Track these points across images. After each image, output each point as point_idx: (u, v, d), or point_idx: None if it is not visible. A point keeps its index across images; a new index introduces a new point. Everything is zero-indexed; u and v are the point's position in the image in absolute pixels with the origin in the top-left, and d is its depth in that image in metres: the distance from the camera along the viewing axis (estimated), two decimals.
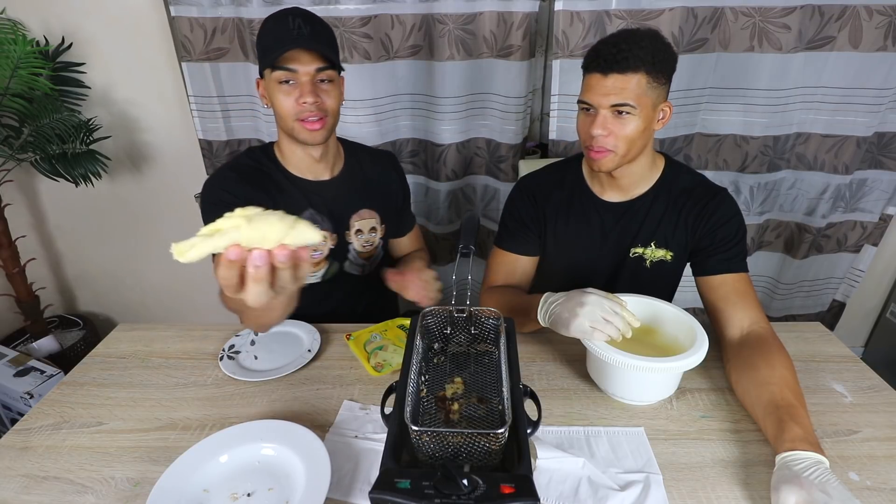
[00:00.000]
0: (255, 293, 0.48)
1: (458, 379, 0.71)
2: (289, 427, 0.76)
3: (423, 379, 0.71)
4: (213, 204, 0.99)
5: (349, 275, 1.17)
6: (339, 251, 1.13)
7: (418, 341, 0.71)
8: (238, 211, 0.47)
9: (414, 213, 1.31)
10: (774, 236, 1.79)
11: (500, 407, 0.63)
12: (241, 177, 1.02)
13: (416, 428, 0.55)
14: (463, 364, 0.75)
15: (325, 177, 1.09)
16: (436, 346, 0.78)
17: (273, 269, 0.47)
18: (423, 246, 1.34)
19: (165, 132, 1.75)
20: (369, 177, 1.15)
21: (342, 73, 1.01)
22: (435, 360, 0.76)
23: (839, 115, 1.53)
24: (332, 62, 0.94)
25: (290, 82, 0.93)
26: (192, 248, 0.45)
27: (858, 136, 1.54)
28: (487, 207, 1.77)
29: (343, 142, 1.15)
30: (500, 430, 0.54)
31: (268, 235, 0.45)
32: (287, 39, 0.91)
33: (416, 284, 1.02)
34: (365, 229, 1.14)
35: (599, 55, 0.87)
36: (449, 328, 0.78)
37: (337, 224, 1.10)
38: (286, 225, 0.46)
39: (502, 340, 0.70)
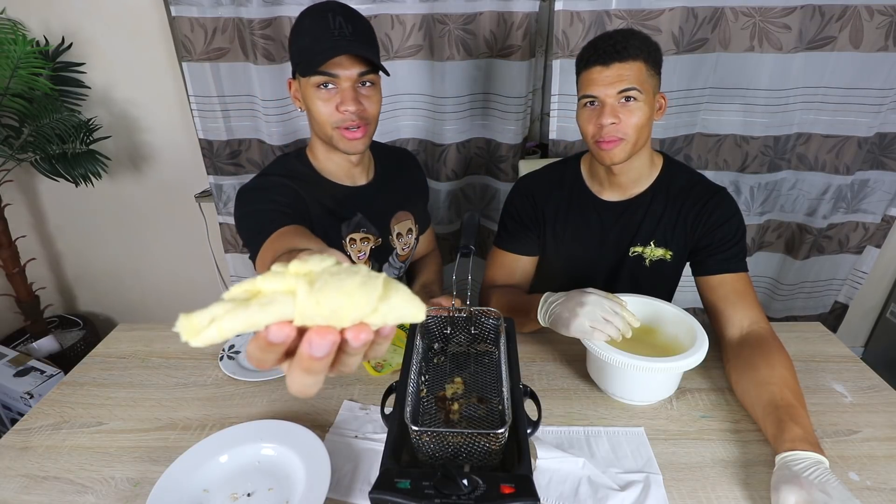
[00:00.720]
0: (302, 385, 0.30)
1: (458, 379, 0.71)
2: (289, 427, 0.76)
3: (423, 379, 0.71)
4: (268, 208, 0.85)
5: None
6: (381, 254, 1.10)
7: (418, 341, 0.71)
8: (293, 266, 0.29)
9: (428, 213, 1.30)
10: (775, 237, 1.78)
11: (500, 407, 0.63)
12: (295, 182, 0.94)
13: (416, 428, 0.55)
14: (463, 364, 0.75)
15: (363, 181, 1.05)
16: (436, 346, 0.78)
17: (339, 351, 0.29)
18: (435, 246, 1.33)
19: (165, 132, 1.75)
20: (400, 178, 1.13)
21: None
22: (435, 360, 0.76)
23: (840, 115, 1.52)
24: (376, 65, 0.88)
25: (330, 87, 0.87)
26: (213, 324, 0.27)
27: (859, 136, 1.53)
28: (487, 207, 1.77)
29: None
30: (500, 430, 0.54)
31: (342, 313, 0.28)
32: (327, 41, 0.84)
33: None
34: (403, 232, 1.12)
35: (598, 49, 0.88)
36: (449, 328, 0.78)
37: (382, 227, 1.08)
38: (372, 295, 0.28)
39: (502, 340, 0.70)
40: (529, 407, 0.66)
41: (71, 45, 1.58)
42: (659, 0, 1.37)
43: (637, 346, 0.83)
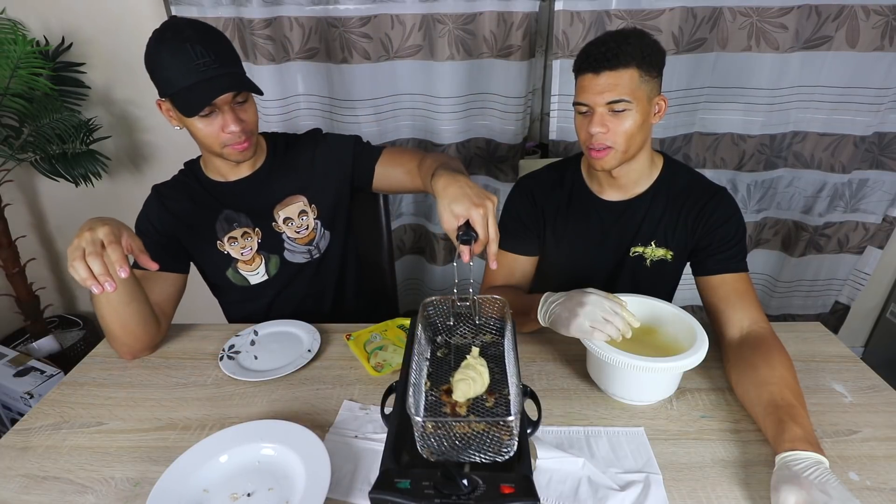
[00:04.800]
0: None
1: None
2: (289, 427, 0.76)
3: (426, 372, 0.70)
4: (140, 232, 1.04)
5: (300, 264, 1.14)
6: (271, 244, 1.11)
7: (420, 332, 0.70)
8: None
9: (378, 145, 1.15)
10: (772, 234, 1.79)
11: (508, 397, 0.62)
12: (162, 201, 1.07)
13: (419, 418, 0.54)
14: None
15: (246, 173, 1.08)
16: (438, 339, 0.77)
17: None
18: (423, 155, 1.07)
19: (165, 132, 1.74)
20: (291, 162, 1.12)
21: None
22: (438, 353, 0.75)
23: (836, 114, 1.53)
24: (245, 84, 0.92)
25: (209, 114, 0.91)
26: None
27: (856, 135, 1.54)
28: None
29: (265, 135, 1.13)
30: (510, 418, 0.53)
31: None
32: (196, 76, 0.86)
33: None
34: (293, 215, 1.11)
35: (589, 56, 0.88)
36: (452, 320, 0.77)
37: (258, 218, 1.09)
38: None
39: (508, 327, 0.69)
40: (529, 407, 0.65)
41: (71, 45, 1.58)
42: (659, 0, 1.37)
43: (637, 346, 0.83)
